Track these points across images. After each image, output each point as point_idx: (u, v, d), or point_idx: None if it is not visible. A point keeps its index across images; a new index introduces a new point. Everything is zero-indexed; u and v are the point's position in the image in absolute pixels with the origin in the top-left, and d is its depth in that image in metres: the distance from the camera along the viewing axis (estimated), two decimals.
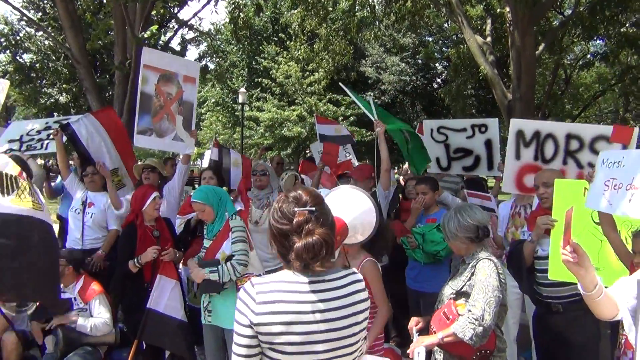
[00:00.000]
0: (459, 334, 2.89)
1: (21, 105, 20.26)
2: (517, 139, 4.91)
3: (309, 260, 1.82)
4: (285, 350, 1.81)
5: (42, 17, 16.57)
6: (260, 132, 25.73)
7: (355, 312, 1.90)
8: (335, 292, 1.88)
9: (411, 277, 4.97)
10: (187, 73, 5.57)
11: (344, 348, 1.88)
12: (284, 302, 1.81)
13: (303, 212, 1.86)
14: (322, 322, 1.83)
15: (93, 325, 4.69)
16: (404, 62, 27.88)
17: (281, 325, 1.79)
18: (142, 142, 5.52)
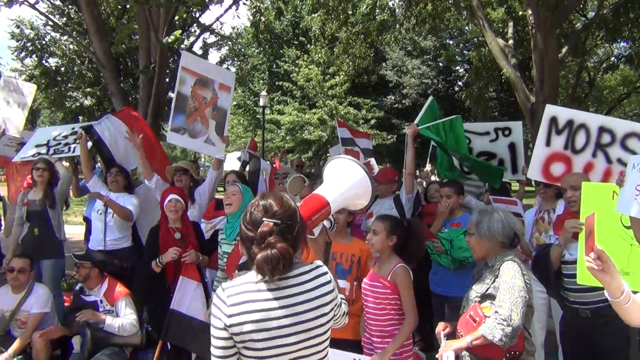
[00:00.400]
0: (487, 335, 2.86)
1: (46, 109, 20.62)
2: (549, 125, 4.81)
3: (267, 271, 1.89)
4: (257, 347, 1.90)
5: (67, 22, 16.84)
6: (281, 135, 25.84)
7: (322, 304, 1.99)
8: (300, 287, 1.97)
9: (435, 281, 4.92)
10: (223, 81, 5.68)
11: (313, 339, 1.98)
12: (253, 302, 1.91)
13: (268, 223, 1.92)
14: (290, 316, 1.92)
15: (120, 325, 4.74)
16: (424, 65, 27.79)
17: (251, 324, 1.88)
18: (175, 139, 5.61)
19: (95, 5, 7.03)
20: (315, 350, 2.00)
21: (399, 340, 3.43)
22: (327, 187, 2.43)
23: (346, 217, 4.09)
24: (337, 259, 3.98)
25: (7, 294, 4.89)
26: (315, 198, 2.29)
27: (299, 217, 2.02)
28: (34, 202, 5.72)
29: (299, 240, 2.00)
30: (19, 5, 7.03)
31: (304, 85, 24.86)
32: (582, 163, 4.65)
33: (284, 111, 25.42)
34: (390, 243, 3.59)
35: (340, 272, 3.95)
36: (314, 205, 2.24)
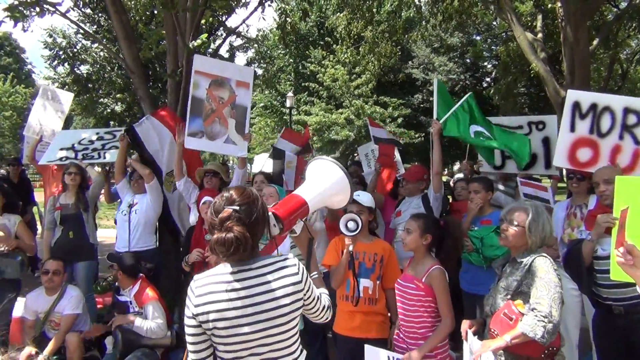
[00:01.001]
0: (529, 333, 2.81)
1: (78, 115, 21.08)
2: (572, 110, 4.73)
3: (223, 253, 2.04)
4: (222, 334, 2.04)
5: (98, 29, 17.18)
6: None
7: (282, 295, 2.08)
8: (260, 278, 2.08)
9: (466, 280, 4.86)
10: (240, 78, 5.61)
11: (274, 328, 2.07)
12: (216, 293, 2.05)
13: (228, 209, 2.06)
14: (250, 306, 2.04)
15: (148, 328, 4.81)
16: (452, 61, 27.53)
17: (215, 313, 2.02)
18: (192, 144, 5.61)
19: (124, 12, 7.14)
20: (277, 339, 2.10)
21: (433, 342, 3.40)
22: (306, 187, 2.50)
23: (368, 217, 4.08)
24: (359, 258, 3.97)
25: (41, 295, 5.02)
26: (293, 198, 2.38)
27: (259, 206, 2.14)
28: (66, 206, 5.85)
29: (257, 226, 2.10)
30: (51, 15, 7.20)
31: (330, 86, 24.84)
32: (609, 146, 4.55)
33: (310, 112, 25.45)
34: (425, 242, 3.56)
35: (363, 271, 3.94)
36: (292, 204, 2.33)
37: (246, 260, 2.10)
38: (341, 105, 25.20)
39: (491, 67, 29.26)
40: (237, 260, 2.10)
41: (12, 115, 37.01)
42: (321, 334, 4.91)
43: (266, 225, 2.17)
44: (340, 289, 4.00)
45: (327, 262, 4.10)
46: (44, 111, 7.63)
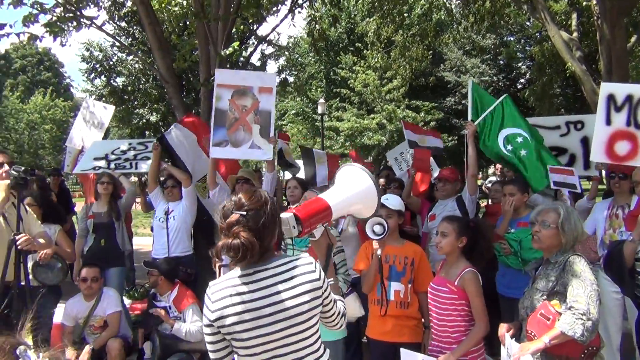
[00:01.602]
0: (568, 332, 2.74)
1: (115, 126, 21.59)
2: (607, 103, 4.59)
3: (231, 258, 2.03)
4: (242, 337, 2.02)
5: (132, 42, 17.58)
6: (341, 142, 25.89)
7: (301, 292, 2.06)
8: (277, 277, 2.06)
9: (504, 284, 4.76)
10: (262, 84, 5.65)
11: (295, 326, 2.05)
12: (233, 296, 2.03)
13: (235, 215, 2.05)
14: (267, 306, 2.02)
15: (187, 331, 4.88)
16: (484, 63, 27.20)
17: (233, 316, 2.01)
18: (217, 153, 5.67)
19: (157, 23, 7.30)
20: (298, 338, 2.08)
21: (467, 345, 3.34)
22: (333, 191, 2.45)
23: (397, 220, 4.05)
24: (390, 262, 3.94)
25: (80, 301, 5.15)
26: (317, 201, 2.34)
27: (269, 209, 2.11)
28: (99, 214, 5.97)
29: (265, 231, 2.08)
30: (87, 28, 7.41)
31: (362, 91, 24.83)
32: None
33: (342, 117, 25.47)
34: (460, 245, 3.50)
35: (394, 274, 3.91)
36: (314, 207, 2.28)
37: (261, 262, 2.09)
38: (373, 110, 25.15)
39: (525, 68, 28.78)
40: (250, 264, 2.09)
41: (51, 128, 38.22)
42: (356, 338, 4.88)
43: (278, 228, 2.15)
44: (372, 293, 3.98)
45: (357, 267, 4.09)
46: (86, 123, 7.82)
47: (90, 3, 7.59)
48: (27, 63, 51.60)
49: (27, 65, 51.45)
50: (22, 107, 38.43)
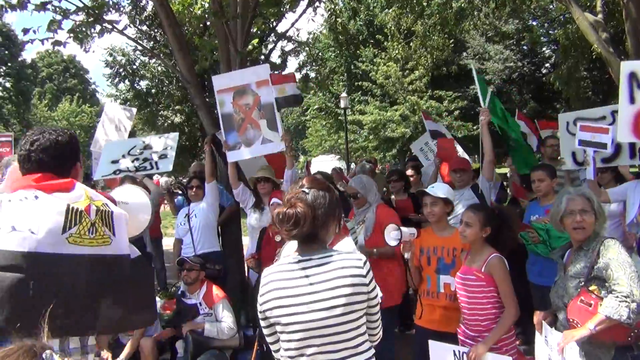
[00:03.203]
0: (613, 316, 2.68)
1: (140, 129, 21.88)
2: (629, 81, 4.50)
3: (281, 225, 2.13)
4: (282, 322, 2.12)
5: (154, 45, 17.76)
6: (364, 135, 25.81)
7: (343, 284, 2.09)
8: (320, 267, 2.12)
9: (534, 272, 4.72)
10: (258, 78, 5.66)
11: (332, 318, 2.09)
12: (276, 281, 2.15)
13: (296, 189, 2.22)
14: (307, 294, 2.09)
15: (219, 329, 4.94)
16: (508, 49, 26.76)
17: (275, 300, 2.13)
18: (234, 157, 5.73)
19: (177, 25, 7.35)
20: (335, 331, 2.10)
21: (498, 333, 3.31)
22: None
23: (443, 208, 4.00)
24: (438, 254, 3.91)
25: None
26: None
27: (328, 197, 2.22)
28: None
29: (320, 213, 2.17)
30: (109, 33, 7.51)
31: (384, 83, 24.67)
32: None
33: (365, 111, 25.36)
34: (484, 235, 3.48)
35: (442, 267, 3.88)
36: None
37: (307, 253, 2.17)
38: (396, 102, 24.98)
39: (550, 52, 28.22)
40: (301, 250, 2.19)
41: (79, 134, 38.88)
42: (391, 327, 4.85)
43: (334, 223, 2.25)
44: (423, 283, 3.99)
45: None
46: (109, 127, 7.91)
47: (111, 8, 7.68)
48: (54, 71, 52.59)
49: (53, 74, 52.45)
50: (51, 115, 39.28)
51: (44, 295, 2.04)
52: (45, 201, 2.17)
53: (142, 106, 18.73)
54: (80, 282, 2.15)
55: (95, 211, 2.26)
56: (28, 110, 37.76)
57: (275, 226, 2.19)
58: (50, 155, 2.31)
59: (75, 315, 2.12)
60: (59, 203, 2.19)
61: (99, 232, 2.25)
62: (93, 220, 2.24)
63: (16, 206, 2.15)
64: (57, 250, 2.11)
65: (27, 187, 2.22)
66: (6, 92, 36.73)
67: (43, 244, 2.09)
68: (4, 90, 36.86)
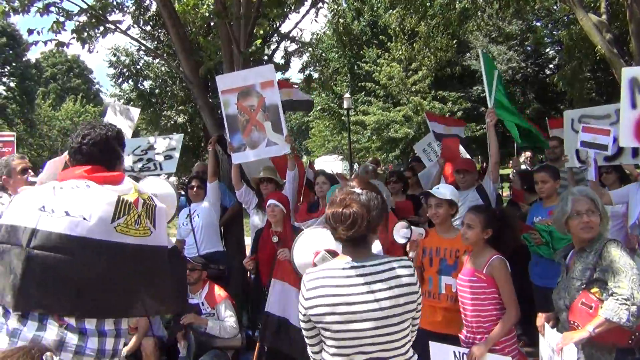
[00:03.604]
0: (613, 318, 2.67)
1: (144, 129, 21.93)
2: (631, 87, 4.50)
3: (338, 225, 2.06)
4: (332, 328, 2.06)
5: (158, 45, 17.79)
6: (367, 136, 25.82)
7: (398, 294, 2.06)
8: (376, 275, 2.07)
9: (536, 273, 4.71)
10: (263, 79, 5.58)
11: (387, 327, 2.05)
12: (328, 287, 2.07)
13: (348, 190, 2.15)
14: (363, 302, 2.04)
15: (222, 327, 4.95)
16: (511, 50, 26.75)
17: (326, 307, 2.05)
18: (239, 159, 5.70)
19: (180, 25, 7.36)
20: (387, 339, 2.08)
21: (498, 334, 3.30)
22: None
23: (448, 210, 4.00)
24: (440, 255, 3.91)
25: None
26: None
27: (380, 200, 2.16)
28: None
29: (372, 216, 2.09)
30: (113, 34, 7.52)
31: (387, 84, 24.67)
32: None
33: (368, 111, 25.38)
34: (486, 236, 3.48)
35: (445, 268, 3.87)
36: None
37: (359, 259, 2.12)
38: (399, 102, 24.99)
39: (554, 52, 28.21)
40: (351, 254, 2.13)
41: None
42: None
43: (383, 224, 2.21)
44: (424, 284, 3.97)
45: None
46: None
47: (115, 8, 7.68)
48: (58, 71, 52.66)
49: (57, 73, 52.51)
50: (54, 115, 39.29)
51: (86, 278, 2.18)
52: (97, 191, 2.31)
53: (145, 106, 18.77)
54: (121, 268, 2.28)
55: (142, 204, 2.39)
56: (32, 110, 37.83)
57: (331, 226, 2.12)
58: (100, 149, 2.45)
59: (113, 299, 2.26)
60: (111, 194, 2.32)
61: (142, 223, 2.37)
62: (139, 212, 2.37)
63: (69, 193, 2.27)
64: (105, 237, 2.23)
65: (79, 177, 2.36)
66: (10, 92, 36.81)
67: (93, 230, 2.21)
68: (8, 90, 36.95)
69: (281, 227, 4.83)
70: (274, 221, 4.84)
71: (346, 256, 2.15)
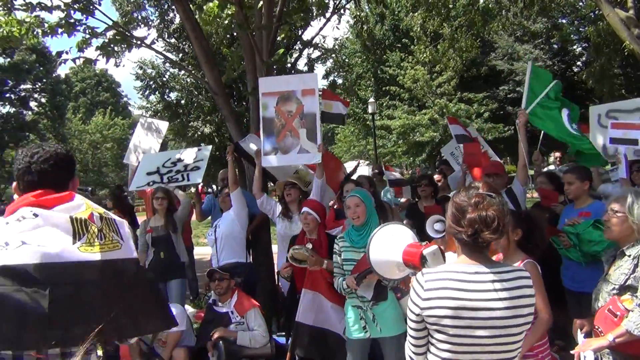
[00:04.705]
0: (634, 331, 2.60)
1: (172, 140, 22.19)
2: None
3: (480, 228, 1.99)
4: (449, 332, 2.00)
5: (183, 57, 18.02)
6: (393, 140, 25.67)
7: (519, 305, 2.02)
8: (500, 284, 2.02)
9: (568, 277, 4.59)
10: (305, 87, 5.60)
11: (507, 337, 2.01)
12: (450, 289, 2.01)
13: (481, 194, 2.08)
14: (487, 309, 1.98)
15: (252, 337, 4.96)
16: (537, 48, 26.34)
17: (446, 309, 1.99)
18: (270, 162, 5.70)
19: (204, 37, 7.45)
20: (504, 349, 2.03)
21: (531, 339, 3.22)
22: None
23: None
24: None
25: None
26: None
27: (507, 207, 2.15)
28: (156, 228, 6.12)
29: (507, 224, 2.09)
30: (138, 48, 7.65)
31: (412, 87, 24.52)
32: None
33: (393, 115, 25.25)
34: (516, 238, 3.40)
35: None
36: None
37: (482, 264, 2.08)
38: (424, 105, 24.80)
39: (581, 49, 27.69)
40: (478, 259, 2.09)
41: (112, 146, 39.73)
42: None
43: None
44: None
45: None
46: (142, 139, 8.08)
47: (140, 23, 7.82)
48: (87, 85, 53.89)
49: (86, 88, 53.74)
50: (85, 128, 40.11)
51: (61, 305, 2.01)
52: (47, 216, 2.16)
53: (172, 117, 18.97)
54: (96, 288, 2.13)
55: (99, 218, 2.25)
56: (63, 124, 38.68)
57: (472, 230, 2.03)
58: (51, 166, 2.32)
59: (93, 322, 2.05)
60: (62, 216, 2.17)
61: (108, 237, 2.25)
62: (100, 227, 2.23)
63: (16, 226, 2.10)
64: (71, 259, 2.09)
65: (25, 205, 2.19)
66: (42, 108, 37.68)
67: (55, 255, 2.06)
68: (39, 105, 37.83)
69: (315, 235, 4.81)
70: (308, 229, 4.83)
71: (468, 260, 2.10)
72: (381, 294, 3.98)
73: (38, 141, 35.32)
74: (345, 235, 4.27)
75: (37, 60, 35.06)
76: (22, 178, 2.31)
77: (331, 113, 6.52)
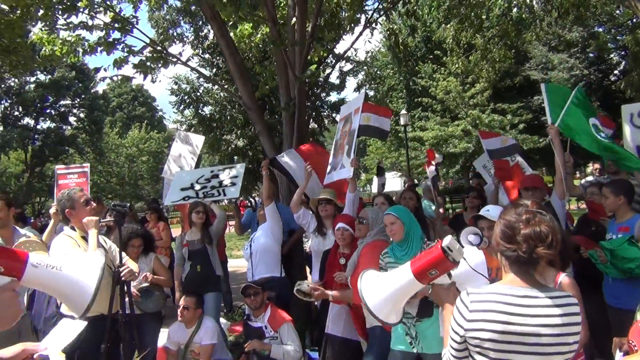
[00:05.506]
0: None
1: (205, 153, 22.49)
2: None
3: (535, 243, 1.94)
4: (490, 355, 1.95)
5: (217, 72, 18.31)
6: (425, 152, 25.51)
7: (567, 332, 1.95)
8: (548, 309, 1.95)
9: (609, 293, 4.46)
10: (356, 106, 5.72)
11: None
12: (496, 312, 1.94)
13: (530, 210, 2.03)
14: (532, 335, 1.91)
15: (285, 352, 4.98)
16: (573, 57, 25.88)
17: (491, 332, 1.93)
18: (327, 179, 5.85)
19: (237, 53, 7.59)
20: None
21: None
22: None
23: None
24: (492, 275, 3.80)
25: (181, 328, 5.36)
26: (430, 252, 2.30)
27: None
28: (193, 242, 6.19)
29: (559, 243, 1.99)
30: (174, 65, 7.84)
31: (444, 98, 24.39)
32: None
33: (425, 127, 25.12)
34: None
35: None
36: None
37: (532, 287, 2.02)
38: (457, 117, 24.62)
39: (618, 58, 27.12)
40: (527, 281, 2.03)
41: (148, 159, 40.50)
42: None
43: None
44: None
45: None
46: (179, 154, 8.24)
47: (175, 40, 8.02)
48: (123, 100, 55.23)
49: (123, 103, 55.08)
50: (121, 142, 41.00)
51: None
52: None
53: (206, 131, 19.24)
54: None
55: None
56: (100, 138, 39.62)
57: (527, 246, 1.97)
58: None
59: None
60: None
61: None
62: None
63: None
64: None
65: None
66: (80, 123, 38.71)
67: None
68: (78, 120, 38.88)
69: (349, 250, 4.83)
70: (343, 244, 4.86)
71: (517, 280, 2.04)
72: (426, 310, 3.94)
73: (77, 155, 36.29)
74: (390, 251, 4.26)
75: (77, 77, 36.07)
76: None
77: (370, 126, 6.56)
